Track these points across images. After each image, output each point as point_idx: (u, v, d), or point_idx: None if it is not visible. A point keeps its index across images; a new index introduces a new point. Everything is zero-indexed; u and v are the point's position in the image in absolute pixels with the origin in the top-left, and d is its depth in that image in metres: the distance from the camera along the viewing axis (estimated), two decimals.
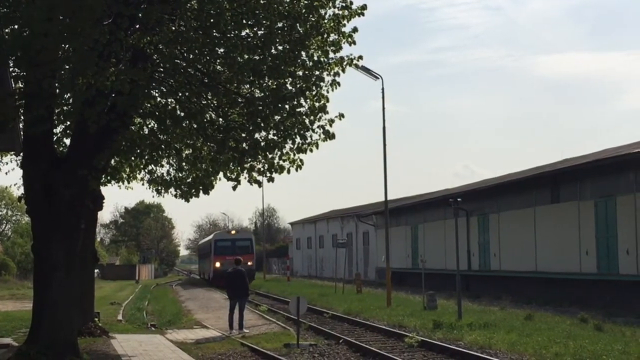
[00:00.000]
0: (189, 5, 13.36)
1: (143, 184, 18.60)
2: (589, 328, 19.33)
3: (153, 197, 19.81)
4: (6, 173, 17.41)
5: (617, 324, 20.32)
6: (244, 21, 13.47)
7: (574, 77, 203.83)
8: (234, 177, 15.18)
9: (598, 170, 27.52)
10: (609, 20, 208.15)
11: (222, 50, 13.81)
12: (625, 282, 25.79)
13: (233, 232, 57.17)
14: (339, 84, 14.38)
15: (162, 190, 17.46)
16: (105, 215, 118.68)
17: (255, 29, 13.70)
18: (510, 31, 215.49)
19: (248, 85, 14.53)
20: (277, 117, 14.27)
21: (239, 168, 15.05)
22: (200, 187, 15.95)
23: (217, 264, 48.09)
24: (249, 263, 47.36)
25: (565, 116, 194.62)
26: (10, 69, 13.33)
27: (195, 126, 14.87)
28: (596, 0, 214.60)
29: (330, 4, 14.11)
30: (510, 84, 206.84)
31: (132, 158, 17.37)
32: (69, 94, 13.32)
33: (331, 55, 14.34)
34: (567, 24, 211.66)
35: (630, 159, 25.34)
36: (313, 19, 13.86)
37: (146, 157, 16.53)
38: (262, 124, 14.25)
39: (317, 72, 14.19)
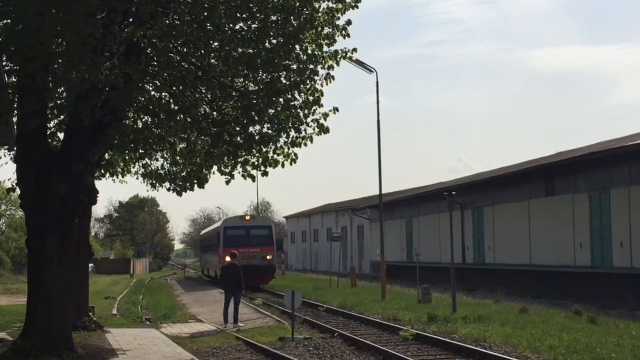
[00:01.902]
0: None
1: (137, 178, 18.57)
2: (583, 321, 19.39)
3: (148, 191, 19.74)
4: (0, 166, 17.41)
5: (611, 317, 20.40)
6: (238, 15, 13.43)
7: (568, 71, 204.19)
8: (228, 171, 15.17)
9: (592, 163, 27.56)
10: (603, 14, 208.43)
11: (216, 44, 13.77)
12: (619, 275, 25.87)
13: (248, 217, 43.66)
14: (333, 77, 14.37)
15: (157, 185, 17.43)
16: (99, 210, 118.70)
17: (249, 23, 13.66)
18: (504, 25, 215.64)
19: (242, 79, 14.50)
20: (271, 111, 14.25)
21: (233, 162, 15.04)
22: (195, 181, 15.92)
23: (228, 259, 35.01)
24: (268, 257, 39.23)
25: (559, 110, 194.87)
26: (4, 64, 13.29)
27: (189, 120, 14.83)
28: None
29: None
30: (504, 77, 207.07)
31: (127, 152, 17.33)
32: (62, 89, 13.28)
33: (325, 48, 14.34)
34: (561, 17, 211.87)
35: (625, 152, 25.38)
36: (307, 13, 13.83)
37: (140, 151, 16.51)
38: (257, 118, 14.23)
39: (311, 66, 14.17)
